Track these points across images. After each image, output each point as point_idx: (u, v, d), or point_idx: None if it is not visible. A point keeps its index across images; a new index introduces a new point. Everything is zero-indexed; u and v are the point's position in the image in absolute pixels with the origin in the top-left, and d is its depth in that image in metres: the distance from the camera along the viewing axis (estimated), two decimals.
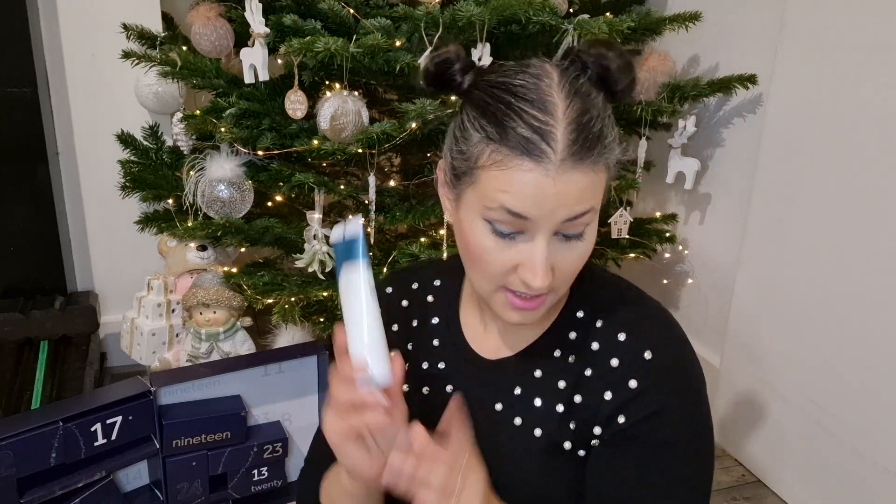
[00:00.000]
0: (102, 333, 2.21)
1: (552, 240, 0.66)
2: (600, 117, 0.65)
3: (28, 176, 2.04)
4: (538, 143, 0.62)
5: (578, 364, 0.75)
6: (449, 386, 0.81)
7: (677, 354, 0.73)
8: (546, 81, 0.65)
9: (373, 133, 1.50)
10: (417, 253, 1.58)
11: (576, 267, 0.69)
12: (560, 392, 0.75)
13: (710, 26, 1.94)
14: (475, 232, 0.68)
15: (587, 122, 0.63)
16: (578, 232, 0.67)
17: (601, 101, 0.66)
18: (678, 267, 2.19)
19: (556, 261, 0.67)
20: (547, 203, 0.63)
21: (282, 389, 1.42)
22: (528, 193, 0.63)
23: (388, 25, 1.53)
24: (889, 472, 1.50)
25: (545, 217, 0.64)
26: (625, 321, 0.74)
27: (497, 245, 0.67)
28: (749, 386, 1.87)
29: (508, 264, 0.67)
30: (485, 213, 0.66)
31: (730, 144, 1.99)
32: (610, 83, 0.67)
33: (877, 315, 1.51)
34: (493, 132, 0.64)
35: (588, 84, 0.67)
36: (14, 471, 1.13)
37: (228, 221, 1.68)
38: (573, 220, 0.65)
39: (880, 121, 1.47)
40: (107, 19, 1.97)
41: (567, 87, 0.65)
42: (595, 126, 0.64)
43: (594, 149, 0.63)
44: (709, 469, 0.74)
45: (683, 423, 0.72)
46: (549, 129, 0.62)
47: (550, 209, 0.63)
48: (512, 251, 0.67)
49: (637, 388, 0.71)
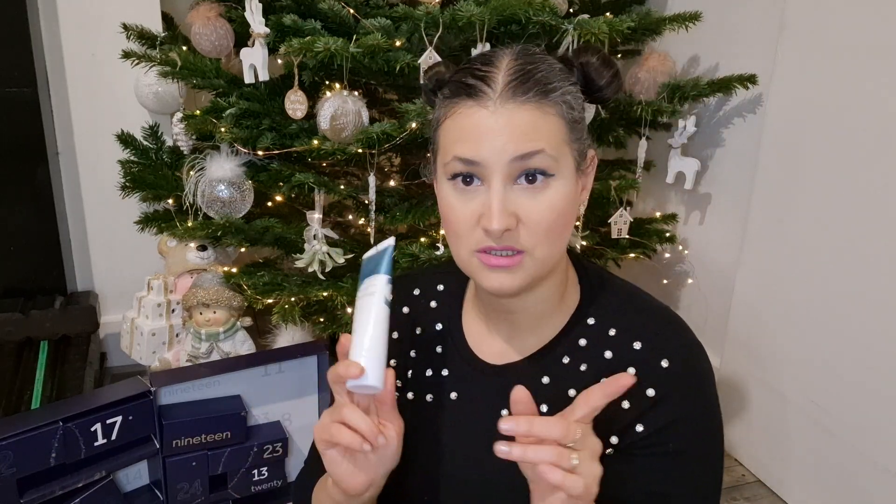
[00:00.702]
0: (102, 333, 2.21)
1: (513, 188, 0.67)
2: (548, 70, 0.68)
3: (28, 176, 2.04)
4: (478, 86, 0.67)
5: (591, 373, 0.74)
6: (453, 393, 0.80)
7: (693, 361, 0.73)
8: (502, 50, 0.70)
9: (373, 133, 1.50)
10: (417, 253, 1.58)
11: (545, 220, 0.67)
12: (570, 400, 0.75)
13: (710, 26, 1.94)
14: (444, 195, 0.71)
15: (530, 69, 0.67)
16: (535, 169, 0.67)
17: (558, 66, 0.70)
18: (678, 267, 2.19)
19: (518, 210, 0.67)
20: (491, 139, 0.66)
21: (282, 389, 1.42)
22: (473, 133, 0.66)
23: (388, 25, 1.53)
24: (889, 472, 1.50)
25: (495, 156, 0.66)
26: (639, 329, 0.74)
27: (460, 201, 0.69)
28: (749, 386, 1.87)
29: (472, 217, 0.68)
30: (445, 171, 0.70)
31: (730, 144, 1.99)
32: (591, 80, 0.72)
33: (877, 315, 1.51)
34: (447, 91, 0.70)
35: (550, 57, 0.71)
36: (14, 471, 1.13)
37: (228, 221, 1.68)
38: (524, 159, 0.66)
39: (880, 121, 1.47)
40: (107, 19, 1.98)
41: (519, 51, 0.70)
42: (538, 73, 0.67)
43: (534, 87, 0.66)
44: (721, 476, 0.75)
45: (701, 432, 0.72)
46: (491, 73, 0.67)
47: (497, 147, 0.66)
48: (474, 203, 0.68)
49: (655, 397, 0.71)
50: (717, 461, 0.74)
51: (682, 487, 0.71)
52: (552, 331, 0.78)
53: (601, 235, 1.89)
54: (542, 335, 0.78)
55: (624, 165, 2.05)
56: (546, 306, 0.77)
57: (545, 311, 0.77)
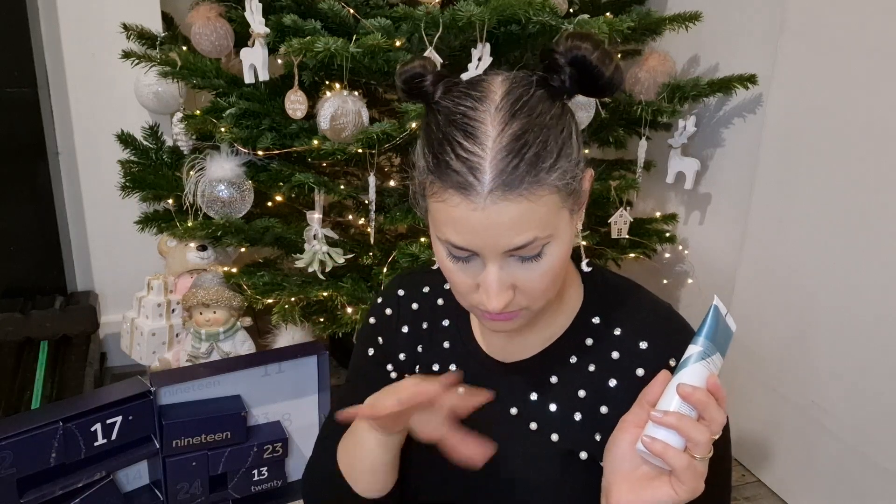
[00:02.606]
0: (102, 333, 2.21)
1: (509, 261, 0.65)
2: (540, 139, 0.62)
3: (28, 176, 2.04)
4: (465, 176, 0.61)
5: (600, 374, 0.75)
6: (460, 389, 0.81)
7: None
8: (485, 105, 0.63)
9: (373, 133, 1.50)
10: (417, 253, 1.58)
11: (541, 285, 0.67)
12: (580, 401, 0.75)
13: (710, 26, 1.94)
14: (438, 251, 0.69)
15: (520, 147, 0.61)
16: (533, 254, 0.65)
17: (552, 115, 0.64)
18: (678, 267, 2.19)
19: (516, 280, 0.66)
20: (482, 236, 0.63)
21: (282, 389, 1.42)
22: (462, 228, 0.63)
23: (388, 25, 1.53)
24: (889, 472, 1.50)
25: (488, 248, 0.63)
26: (644, 329, 0.74)
27: (456, 267, 0.67)
28: (749, 386, 1.87)
29: (470, 284, 0.68)
30: (439, 240, 0.67)
31: (730, 144, 1.99)
32: (589, 77, 0.65)
33: (877, 315, 1.51)
34: (431, 164, 0.64)
35: (540, 94, 0.64)
36: (14, 471, 1.13)
37: (228, 221, 1.68)
38: (519, 249, 0.64)
39: (880, 120, 1.47)
40: (107, 19, 1.98)
41: (506, 109, 0.62)
42: (529, 150, 0.61)
43: (527, 175, 0.61)
44: (730, 473, 0.76)
45: None
46: (476, 160, 0.61)
47: (487, 242, 0.63)
48: (470, 272, 0.67)
49: None
50: (727, 459, 0.75)
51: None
52: (557, 330, 0.78)
53: (601, 235, 1.89)
54: (546, 334, 0.78)
55: (624, 165, 2.05)
56: (546, 310, 0.77)
57: (545, 315, 0.77)
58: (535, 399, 0.77)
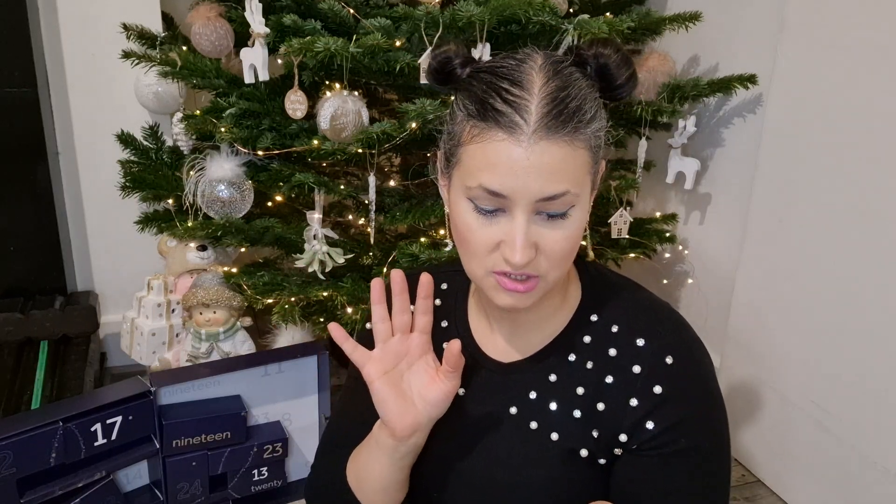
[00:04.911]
0: (102, 333, 2.21)
1: (534, 218, 0.66)
2: (580, 95, 0.66)
3: (28, 176, 2.04)
4: (511, 116, 0.64)
5: (597, 371, 0.75)
6: (461, 389, 0.81)
7: (696, 357, 0.74)
8: (529, 63, 0.67)
9: (373, 133, 1.50)
10: (417, 253, 1.58)
11: (563, 249, 0.68)
12: (579, 398, 0.75)
13: (710, 26, 1.94)
14: (460, 211, 0.69)
15: (563, 97, 0.65)
16: (561, 211, 0.66)
17: (585, 83, 0.67)
18: (678, 267, 2.19)
19: (539, 240, 0.67)
20: (521, 175, 0.64)
21: (282, 389, 1.42)
22: (502, 166, 0.64)
23: (388, 25, 1.53)
24: (889, 472, 1.50)
25: (521, 191, 0.64)
26: (642, 326, 0.75)
27: (479, 223, 0.68)
28: (749, 386, 1.87)
29: (491, 242, 0.68)
30: (467, 192, 0.68)
31: (730, 144, 1.99)
32: (609, 78, 0.69)
33: (877, 315, 1.51)
34: (473, 109, 0.67)
35: (574, 69, 0.68)
36: (14, 471, 1.13)
37: (228, 221, 1.68)
38: (550, 200, 0.65)
39: (880, 121, 1.47)
40: (107, 19, 1.97)
41: (548, 68, 0.67)
42: (572, 102, 0.65)
43: (569, 122, 0.64)
44: (730, 471, 0.76)
45: (710, 428, 0.73)
46: (523, 102, 0.64)
47: (525, 182, 0.64)
48: (494, 228, 0.67)
49: (663, 394, 0.71)
50: (726, 456, 0.75)
51: (696, 484, 0.72)
52: (555, 328, 0.78)
53: (601, 235, 1.89)
54: (546, 333, 0.78)
55: (624, 165, 2.05)
56: (549, 306, 0.77)
57: (547, 311, 0.78)
58: (535, 398, 0.77)
